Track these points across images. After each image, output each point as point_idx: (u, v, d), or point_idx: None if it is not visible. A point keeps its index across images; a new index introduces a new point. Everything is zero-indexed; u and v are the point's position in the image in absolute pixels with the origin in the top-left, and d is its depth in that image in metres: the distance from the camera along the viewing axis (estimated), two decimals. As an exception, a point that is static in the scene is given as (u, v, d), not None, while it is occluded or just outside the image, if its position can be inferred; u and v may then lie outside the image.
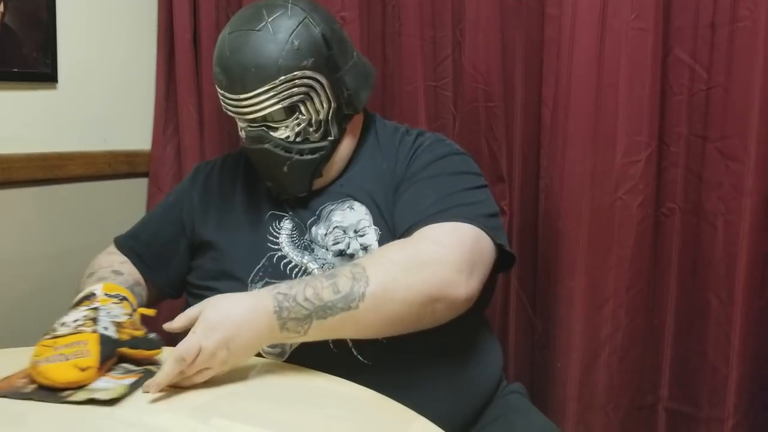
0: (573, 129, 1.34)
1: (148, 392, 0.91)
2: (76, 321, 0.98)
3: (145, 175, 1.77)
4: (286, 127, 1.11)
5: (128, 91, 1.74)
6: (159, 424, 0.84)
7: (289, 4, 1.11)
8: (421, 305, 0.99)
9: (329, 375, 0.98)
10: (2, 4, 1.44)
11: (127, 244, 1.27)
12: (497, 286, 1.27)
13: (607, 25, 1.30)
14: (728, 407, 1.26)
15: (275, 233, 1.16)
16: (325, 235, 1.13)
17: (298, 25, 1.09)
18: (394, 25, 1.54)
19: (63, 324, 0.98)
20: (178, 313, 0.99)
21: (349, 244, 1.12)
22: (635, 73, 1.29)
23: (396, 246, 1.04)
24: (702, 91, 1.28)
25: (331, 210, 1.14)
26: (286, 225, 1.16)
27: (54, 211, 1.56)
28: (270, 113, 1.09)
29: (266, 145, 1.11)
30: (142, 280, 1.23)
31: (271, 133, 1.11)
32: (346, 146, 1.18)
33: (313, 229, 1.14)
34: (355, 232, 1.12)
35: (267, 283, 1.11)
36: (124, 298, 1.06)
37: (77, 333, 0.95)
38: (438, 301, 0.99)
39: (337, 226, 1.13)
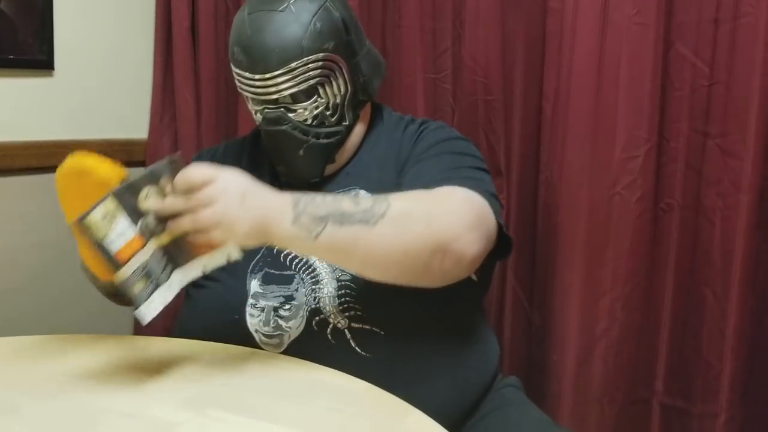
0: (573, 123, 1.34)
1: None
2: None
3: (141, 164, 1.76)
4: (305, 109, 1.10)
5: (125, 79, 1.73)
6: (153, 415, 0.84)
7: None
8: (432, 250, 0.95)
9: (325, 367, 0.97)
10: (-2, -11, 1.43)
11: None
12: (494, 278, 1.26)
13: (609, 20, 1.29)
14: (721, 402, 1.27)
15: None
16: None
17: (319, 8, 1.09)
18: (394, 17, 1.54)
19: None
20: (176, 314, 0.97)
21: None
22: (636, 67, 1.28)
23: (419, 191, 1.01)
24: (704, 87, 1.28)
25: None
26: None
27: (49, 200, 1.54)
28: (291, 94, 1.08)
29: (284, 127, 1.10)
30: None
31: (290, 115, 1.10)
32: (357, 133, 1.18)
33: None
34: None
35: (266, 274, 1.11)
36: None
37: None
38: (448, 252, 0.96)
39: None
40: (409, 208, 0.96)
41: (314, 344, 1.02)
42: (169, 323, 1.64)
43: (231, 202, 0.87)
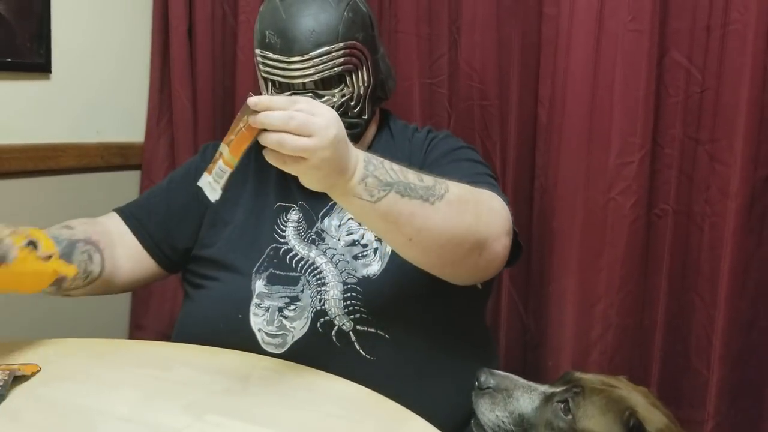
0: (568, 129, 1.35)
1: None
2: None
3: (137, 167, 1.76)
4: (332, 95, 1.12)
5: (122, 82, 1.73)
6: (153, 420, 0.84)
7: None
8: (475, 243, 0.98)
9: (326, 373, 0.98)
10: (-4, -7, 1.43)
11: (128, 210, 1.22)
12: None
13: (604, 26, 1.30)
14: (708, 409, 1.27)
15: (282, 225, 1.16)
16: (339, 226, 1.14)
17: (351, 1, 1.14)
18: (391, 22, 1.54)
19: None
20: (171, 320, 0.97)
21: (363, 234, 1.12)
22: (630, 74, 1.29)
23: (467, 185, 1.03)
24: (696, 94, 1.29)
25: None
26: (293, 217, 1.16)
27: (46, 203, 1.56)
28: (321, 79, 1.10)
29: None
30: (100, 244, 1.13)
31: (318, 100, 1.10)
32: (370, 133, 1.21)
33: (326, 220, 1.15)
34: None
35: (272, 274, 1.11)
36: (32, 242, 0.99)
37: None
38: (486, 249, 0.99)
39: (351, 218, 1.13)
40: (464, 197, 0.99)
41: (318, 345, 1.03)
42: (166, 328, 1.65)
43: (326, 144, 0.83)
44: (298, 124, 0.81)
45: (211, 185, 0.89)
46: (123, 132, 1.74)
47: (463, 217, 0.97)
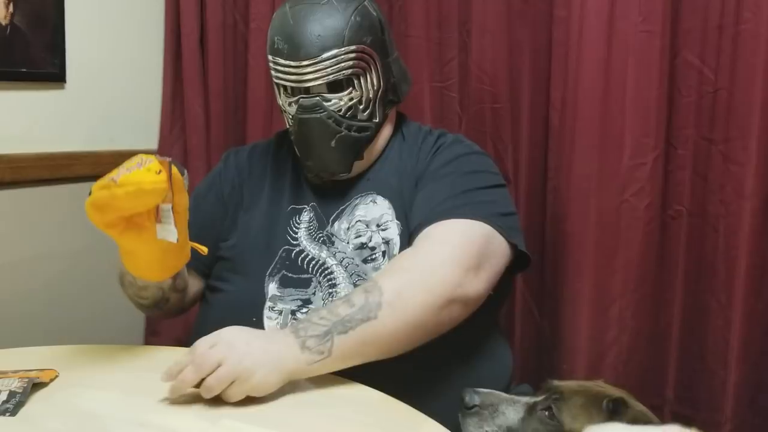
0: (580, 131, 1.34)
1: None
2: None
3: (151, 174, 1.77)
4: (340, 99, 1.13)
5: (135, 90, 1.75)
6: (169, 425, 0.85)
7: None
8: (439, 308, 0.99)
9: (339, 377, 0.98)
10: (12, 4, 1.44)
11: None
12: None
13: (615, 28, 1.30)
14: (726, 411, 1.27)
15: (295, 227, 1.17)
16: (347, 229, 1.15)
17: (359, 5, 1.15)
18: (401, 26, 1.55)
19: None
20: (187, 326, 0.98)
21: (371, 237, 1.13)
22: (642, 75, 1.29)
23: (405, 255, 1.05)
24: (709, 94, 1.28)
25: (356, 204, 1.16)
26: (305, 218, 1.17)
27: (61, 211, 1.57)
28: (328, 83, 1.11)
29: (320, 115, 1.12)
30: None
31: (325, 104, 1.12)
32: (383, 137, 1.21)
33: (336, 223, 1.16)
34: (378, 226, 1.13)
35: (284, 277, 1.12)
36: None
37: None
38: (454, 302, 1.01)
39: (359, 220, 1.15)
40: (400, 283, 0.99)
41: None
42: (181, 334, 1.65)
43: (238, 355, 0.88)
44: (205, 365, 0.87)
45: (166, 229, 0.93)
46: (137, 140, 1.75)
47: (414, 301, 0.97)
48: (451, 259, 1.01)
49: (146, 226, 0.94)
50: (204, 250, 1.03)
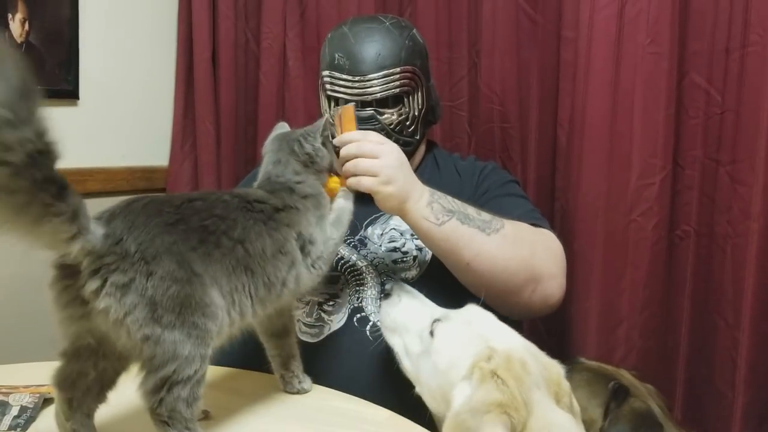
0: (588, 151, 1.35)
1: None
2: None
3: (162, 190, 1.79)
4: (392, 114, 1.22)
5: (147, 107, 1.77)
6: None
7: (399, 18, 1.30)
8: (528, 278, 1.07)
9: (345, 394, 0.98)
10: (27, 22, 1.47)
11: None
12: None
13: (623, 49, 1.31)
14: (734, 432, 1.26)
15: None
16: (381, 235, 1.21)
17: (411, 32, 1.27)
18: (411, 46, 1.56)
19: None
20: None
21: (404, 243, 1.19)
22: (650, 96, 1.30)
23: (527, 224, 1.14)
24: (716, 115, 1.29)
25: (391, 214, 1.20)
26: None
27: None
28: (382, 98, 1.21)
29: (375, 127, 1.20)
30: None
31: (379, 117, 1.21)
32: (418, 155, 1.31)
33: (369, 228, 1.22)
34: (412, 235, 1.17)
35: None
36: None
37: None
38: (540, 286, 1.08)
39: (394, 228, 1.21)
40: (520, 234, 1.09)
41: (352, 338, 1.10)
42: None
43: (392, 163, 1.02)
44: (369, 149, 1.02)
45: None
46: (148, 156, 1.77)
47: (518, 251, 1.07)
48: (557, 254, 1.14)
49: None
50: None
